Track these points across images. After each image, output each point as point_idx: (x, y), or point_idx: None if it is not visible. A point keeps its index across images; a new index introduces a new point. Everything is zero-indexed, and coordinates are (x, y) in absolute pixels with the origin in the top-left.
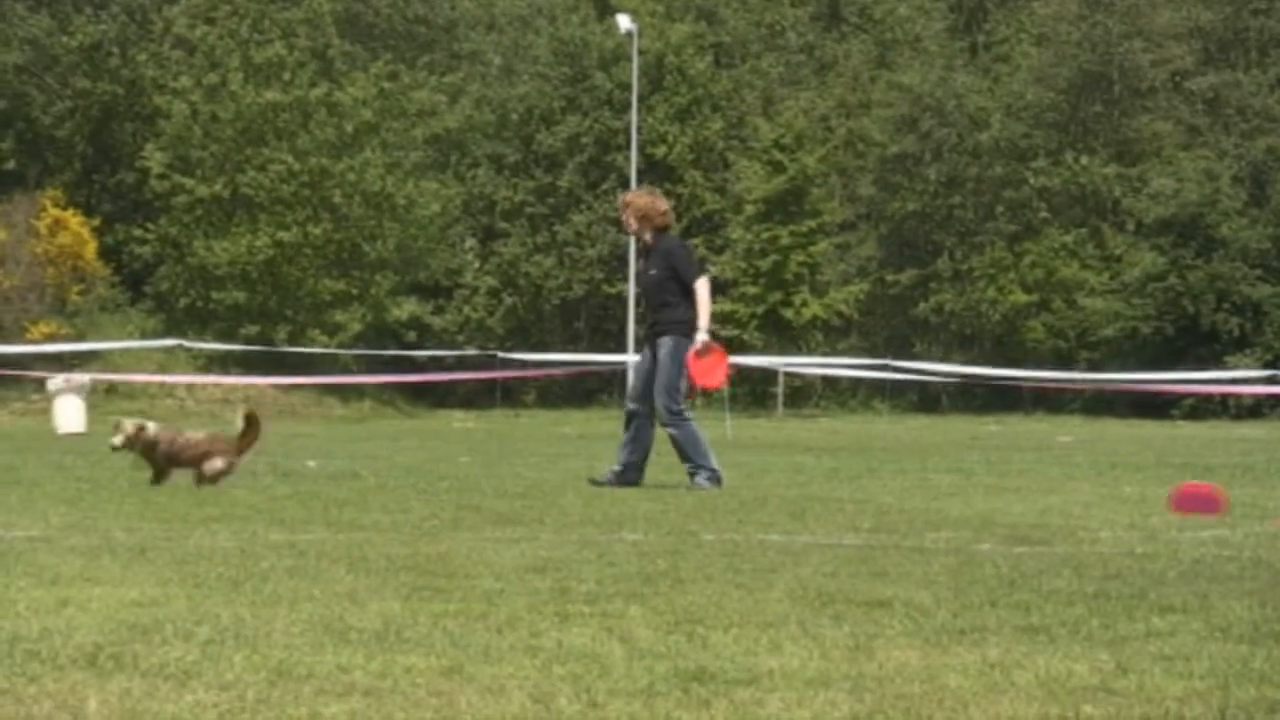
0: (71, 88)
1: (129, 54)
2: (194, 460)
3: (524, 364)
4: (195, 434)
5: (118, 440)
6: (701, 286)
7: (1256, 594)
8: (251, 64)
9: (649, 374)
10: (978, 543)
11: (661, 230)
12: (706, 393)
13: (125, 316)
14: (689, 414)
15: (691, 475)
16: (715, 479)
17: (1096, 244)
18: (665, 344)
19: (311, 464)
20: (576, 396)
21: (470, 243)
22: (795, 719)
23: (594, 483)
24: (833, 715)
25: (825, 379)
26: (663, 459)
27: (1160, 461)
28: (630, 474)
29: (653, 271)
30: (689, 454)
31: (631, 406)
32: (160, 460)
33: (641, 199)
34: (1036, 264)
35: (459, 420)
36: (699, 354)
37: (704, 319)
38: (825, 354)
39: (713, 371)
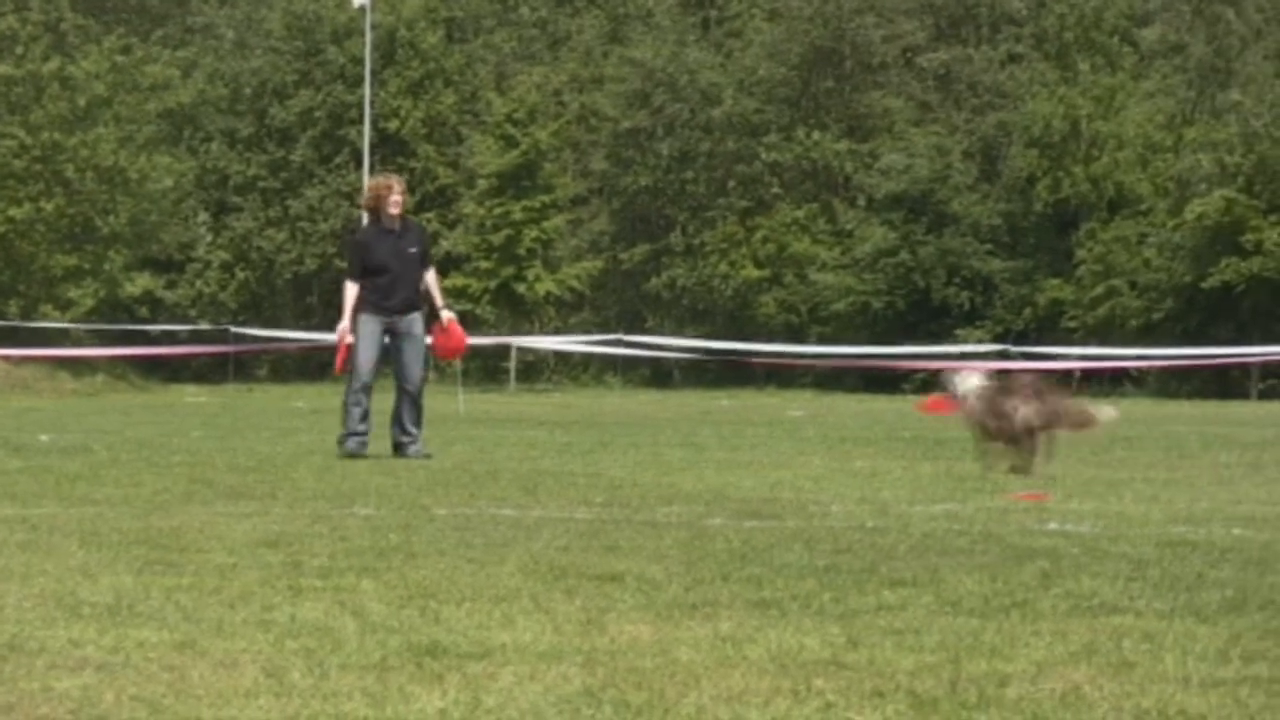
0: None
1: None
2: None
3: (256, 339)
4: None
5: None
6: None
7: (987, 568)
8: None
9: (402, 350)
10: (709, 517)
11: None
12: (440, 365)
13: None
14: None
15: (411, 444)
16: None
17: (828, 219)
18: (418, 321)
19: (44, 438)
20: (308, 371)
21: (203, 217)
22: (527, 693)
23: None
24: (565, 689)
25: (558, 354)
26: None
27: (890, 436)
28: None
29: (413, 249)
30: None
31: (369, 380)
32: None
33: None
34: (768, 239)
35: (191, 395)
36: (443, 329)
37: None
38: (558, 329)
39: (452, 344)
